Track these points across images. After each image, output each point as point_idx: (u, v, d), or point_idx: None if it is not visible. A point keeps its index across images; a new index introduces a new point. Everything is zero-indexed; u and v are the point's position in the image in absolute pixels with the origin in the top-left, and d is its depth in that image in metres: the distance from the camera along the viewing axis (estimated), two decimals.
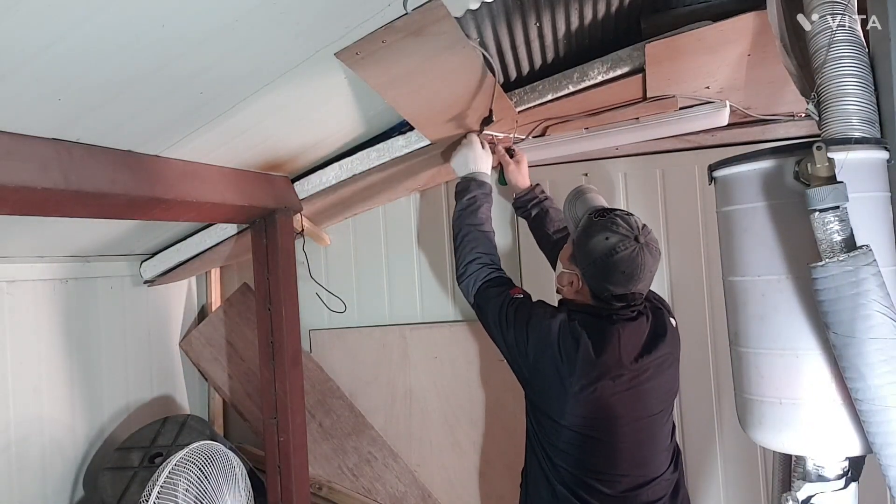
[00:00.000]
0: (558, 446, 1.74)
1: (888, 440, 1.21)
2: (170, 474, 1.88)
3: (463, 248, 1.96)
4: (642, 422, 1.74)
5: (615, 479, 1.71)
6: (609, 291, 1.71)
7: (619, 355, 1.69)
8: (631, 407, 1.71)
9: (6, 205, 1.50)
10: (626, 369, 1.69)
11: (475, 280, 1.90)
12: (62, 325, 2.39)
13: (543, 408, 1.76)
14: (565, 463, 1.73)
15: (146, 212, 1.94)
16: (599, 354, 1.67)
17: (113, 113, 1.47)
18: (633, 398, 1.72)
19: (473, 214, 2.00)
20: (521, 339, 1.74)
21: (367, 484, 2.85)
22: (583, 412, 1.69)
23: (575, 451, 1.72)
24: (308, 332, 2.95)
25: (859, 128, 1.38)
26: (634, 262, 1.67)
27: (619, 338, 1.70)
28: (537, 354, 1.72)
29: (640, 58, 1.98)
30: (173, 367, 2.97)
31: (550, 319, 1.73)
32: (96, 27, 1.11)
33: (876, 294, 1.18)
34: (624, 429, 1.71)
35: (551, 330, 1.71)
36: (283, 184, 2.39)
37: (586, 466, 1.72)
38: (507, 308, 1.80)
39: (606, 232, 1.69)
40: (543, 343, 1.70)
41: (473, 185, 2.06)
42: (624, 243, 1.67)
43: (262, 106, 1.71)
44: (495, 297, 1.84)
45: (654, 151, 2.56)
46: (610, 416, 1.69)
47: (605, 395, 1.68)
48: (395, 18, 1.43)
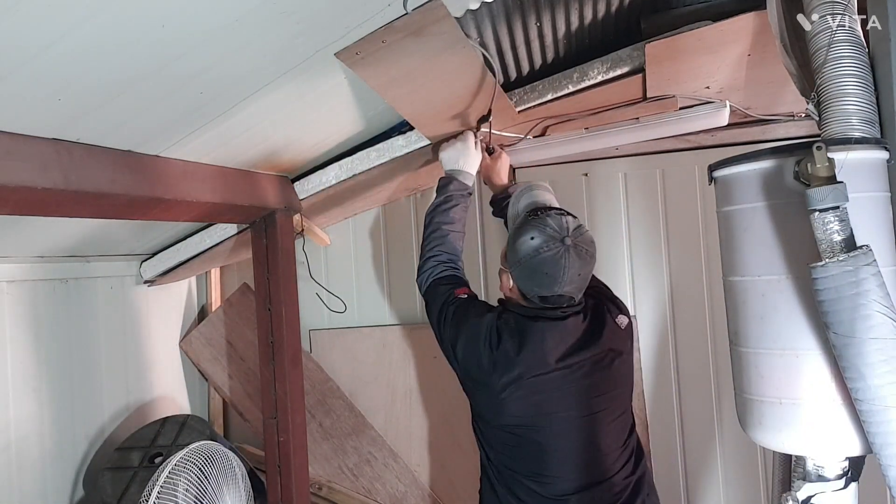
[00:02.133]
0: (494, 447, 1.75)
1: (888, 440, 1.21)
2: (170, 474, 1.88)
3: (426, 244, 1.97)
4: (577, 421, 1.71)
5: (550, 481, 1.69)
6: (535, 292, 1.70)
7: (543, 353, 1.68)
8: (561, 406, 1.69)
9: (6, 205, 1.50)
10: (551, 368, 1.68)
11: (428, 276, 1.91)
12: (62, 325, 2.39)
13: (476, 408, 1.78)
14: (501, 463, 1.74)
15: (146, 212, 1.94)
16: (519, 352, 1.66)
17: (113, 113, 1.47)
18: (563, 397, 1.69)
19: (446, 213, 1.99)
20: (453, 338, 1.75)
21: (367, 484, 2.85)
22: (509, 411, 1.69)
23: (508, 450, 1.72)
24: (308, 332, 2.95)
25: (859, 128, 1.38)
26: (558, 264, 1.64)
27: (542, 336, 1.69)
28: (465, 354, 1.73)
29: (640, 58, 1.98)
30: (173, 367, 2.97)
31: (480, 319, 1.74)
32: (96, 27, 1.11)
33: (876, 294, 1.18)
34: (555, 428, 1.69)
35: (479, 329, 1.72)
36: (283, 184, 2.39)
37: (520, 467, 1.71)
38: (447, 306, 1.81)
39: (533, 232, 1.67)
40: (471, 342, 1.72)
41: (454, 183, 2.05)
42: (548, 244, 1.65)
43: (262, 106, 1.71)
44: (441, 294, 1.85)
45: (654, 151, 2.56)
46: (537, 415, 1.68)
47: (529, 393, 1.67)
48: (395, 18, 1.43)
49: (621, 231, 2.66)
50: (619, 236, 2.66)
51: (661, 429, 2.61)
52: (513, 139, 2.35)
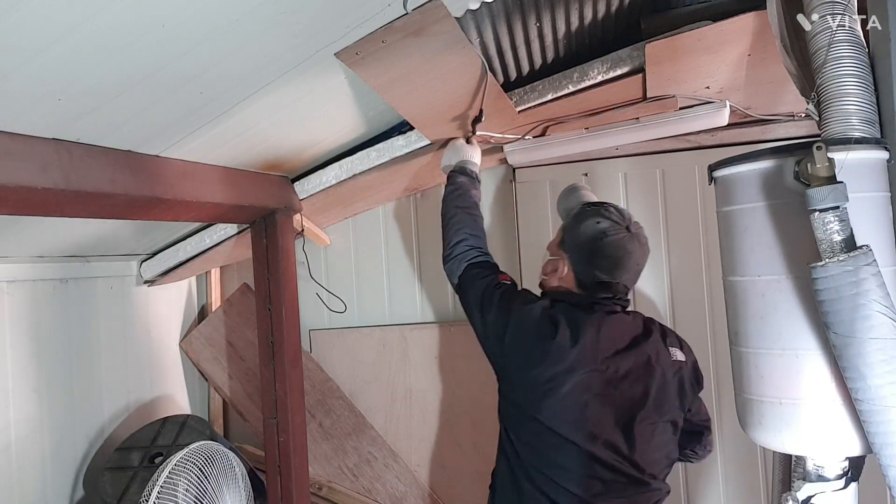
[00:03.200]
0: (528, 441, 1.67)
1: (888, 440, 1.21)
2: (170, 474, 1.89)
3: (450, 228, 1.90)
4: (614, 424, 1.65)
5: (579, 481, 1.62)
6: (594, 277, 1.69)
7: (595, 349, 1.63)
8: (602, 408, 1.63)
9: (6, 205, 1.50)
10: (599, 364, 1.63)
11: (461, 260, 1.84)
12: (62, 325, 2.39)
13: (513, 396, 1.71)
14: (533, 458, 1.66)
15: (146, 212, 1.94)
16: (574, 344, 1.62)
17: (113, 113, 1.47)
18: (606, 399, 1.64)
19: (461, 197, 1.95)
20: (500, 322, 1.69)
21: (367, 484, 2.85)
22: (553, 404, 1.62)
23: (543, 446, 1.65)
24: (308, 332, 2.95)
25: (859, 128, 1.37)
26: (623, 248, 1.68)
27: (597, 330, 1.65)
28: (513, 339, 1.67)
29: (640, 58, 1.98)
30: (173, 367, 2.97)
31: (532, 305, 1.69)
32: (96, 27, 1.11)
33: (876, 294, 1.18)
34: (592, 428, 1.62)
35: (531, 315, 1.67)
36: (283, 184, 2.39)
37: (551, 462, 1.64)
38: (491, 290, 1.75)
39: (598, 217, 1.70)
40: (522, 327, 1.66)
41: (458, 173, 2.03)
42: (614, 228, 1.68)
43: (262, 106, 1.71)
44: (481, 278, 1.79)
45: (654, 151, 2.56)
46: (579, 413, 1.62)
47: (576, 390, 1.62)
48: (395, 18, 1.43)
49: None
50: None
51: None
52: (512, 139, 2.35)
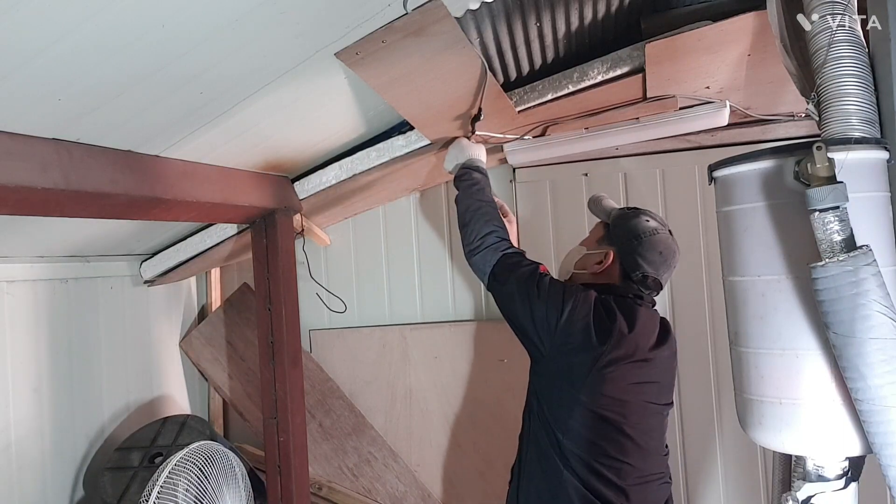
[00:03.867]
0: (571, 426, 1.66)
1: (888, 440, 1.21)
2: (170, 474, 1.89)
3: (476, 220, 1.86)
4: (647, 413, 1.74)
5: (625, 469, 1.67)
6: (642, 270, 1.77)
7: (645, 338, 1.72)
8: (641, 395, 1.72)
9: (6, 205, 1.50)
10: (646, 355, 1.72)
11: (495, 250, 1.80)
12: (62, 325, 2.39)
13: (564, 383, 1.68)
14: (576, 446, 1.66)
15: (146, 212, 1.94)
16: (631, 330, 1.68)
17: (113, 113, 1.47)
18: (648, 388, 1.73)
19: (482, 192, 1.93)
20: (553, 310, 1.66)
21: (367, 484, 2.85)
22: (605, 389, 1.64)
23: (589, 432, 1.65)
24: (308, 332, 2.95)
25: (859, 128, 1.37)
26: (670, 247, 1.81)
27: (645, 320, 1.73)
28: (569, 325, 1.65)
29: (640, 58, 1.98)
30: (173, 367, 2.97)
31: (585, 293, 1.69)
32: (96, 27, 1.11)
33: (876, 294, 1.18)
34: (633, 416, 1.69)
35: (588, 301, 1.67)
36: (283, 184, 2.39)
37: (599, 450, 1.65)
38: (539, 278, 1.72)
39: (646, 216, 1.83)
40: (578, 313, 1.65)
41: (472, 170, 2.01)
42: (663, 228, 1.82)
43: (262, 106, 1.71)
44: (521, 266, 1.76)
45: (654, 151, 2.56)
46: (625, 398, 1.68)
47: (628, 376, 1.68)
48: (395, 18, 1.43)
49: None
50: None
51: None
52: (512, 139, 2.35)
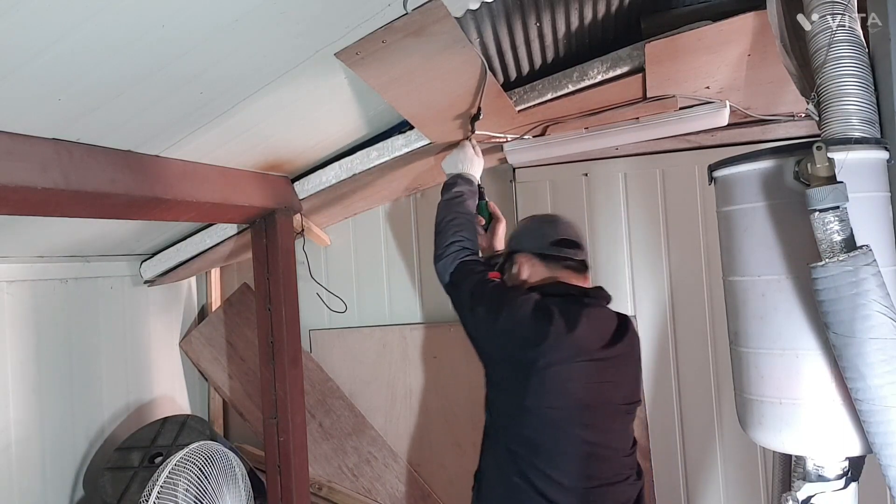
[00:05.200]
0: (519, 432, 1.69)
1: (888, 440, 1.21)
2: (170, 474, 1.89)
3: (446, 230, 1.93)
4: (604, 414, 1.72)
5: (579, 472, 1.66)
6: (545, 239, 1.82)
7: (590, 338, 1.69)
8: (594, 395, 1.69)
9: (6, 205, 1.50)
10: (594, 355, 1.69)
11: (454, 259, 1.88)
12: (62, 325, 2.39)
13: (508, 388, 1.71)
14: (524, 450, 1.67)
15: (146, 212, 1.94)
16: (571, 331, 1.65)
17: (113, 113, 1.47)
18: (599, 388, 1.70)
19: (462, 204, 1.99)
20: (492, 313, 1.72)
21: (367, 484, 2.85)
22: (547, 391, 1.65)
23: (538, 436, 1.67)
24: (308, 332, 2.95)
25: (859, 128, 1.38)
26: (547, 217, 2.01)
27: (588, 320, 1.69)
28: (507, 329, 1.69)
29: (640, 57, 1.98)
30: (173, 367, 2.97)
31: (524, 296, 1.73)
32: (96, 27, 1.11)
33: (876, 294, 1.18)
34: (585, 418, 1.68)
35: (526, 304, 1.69)
36: (283, 184, 2.39)
37: (549, 454, 1.66)
38: (483, 283, 1.79)
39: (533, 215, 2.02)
40: (515, 317, 1.68)
41: (461, 181, 2.05)
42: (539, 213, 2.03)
43: (262, 106, 1.71)
44: (473, 273, 1.84)
45: (654, 151, 2.56)
46: (573, 400, 1.67)
47: (572, 377, 1.66)
48: (395, 18, 1.43)
49: (621, 231, 2.66)
50: (619, 236, 2.66)
51: (661, 429, 2.61)
52: (512, 139, 2.35)
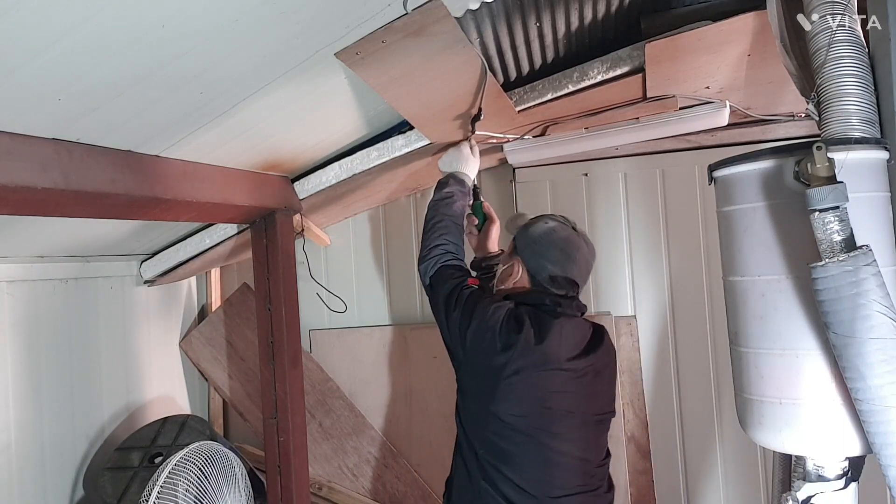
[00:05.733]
0: (486, 437, 1.71)
1: (888, 440, 1.21)
2: (170, 474, 1.89)
3: (432, 232, 1.94)
4: (574, 426, 1.72)
5: (543, 479, 1.68)
6: (546, 271, 1.76)
7: (559, 349, 1.69)
8: (564, 406, 1.70)
9: (6, 205, 1.50)
10: (563, 365, 1.70)
11: (436, 262, 1.89)
12: (62, 325, 2.39)
13: (475, 394, 1.74)
14: (491, 456, 1.69)
15: (146, 212, 1.94)
16: (540, 342, 1.67)
17: (113, 113, 1.47)
18: (567, 398, 1.70)
19: (449, 206, 1.99)
20: (464, 319, 1.74)
21: (367, 484, 2.85)
22: (514, 398, 1.67)
23: (502, 442, 1.68)
24: (308, 332, 2.95)
25: (859, 128, 1.37)
26: (571, 241, 1.79)
27: (560, 331, 1.71)
28: (477, 335, 1.71)
29: (640, 57, 1.98)
30: (173, 367, 2.97)
31: (497, 304, 1.74)
32: (96, 27, 1.11)
33: (876, 294, 1.18)
34: (554, 427, 1.69)
35: (496, 313, 1.71)
36: (283, 184, 2.39)
37: (514, 461, 1.68)
38: (460, 290, 1.80)
39: (546, 219, 1.85)
40: (485, 325, 1.70)
41: (453, 181, 2.05)
42: (563, 227, 1.82)
43: (262, 106, 1.71)
44: (451, 279, 1.84)
45: (654, 151, 2.56)
46: (541, 410, 1.68)
47: (538, 386, 1.67)
48: (395, 18, 1.43)
49: (621, 231, 2.66)
50: (619, 236, 2.66)
51: (661, 429, 2.61)
52: (512, 139, 2.35)
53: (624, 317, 2.64)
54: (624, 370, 2.63)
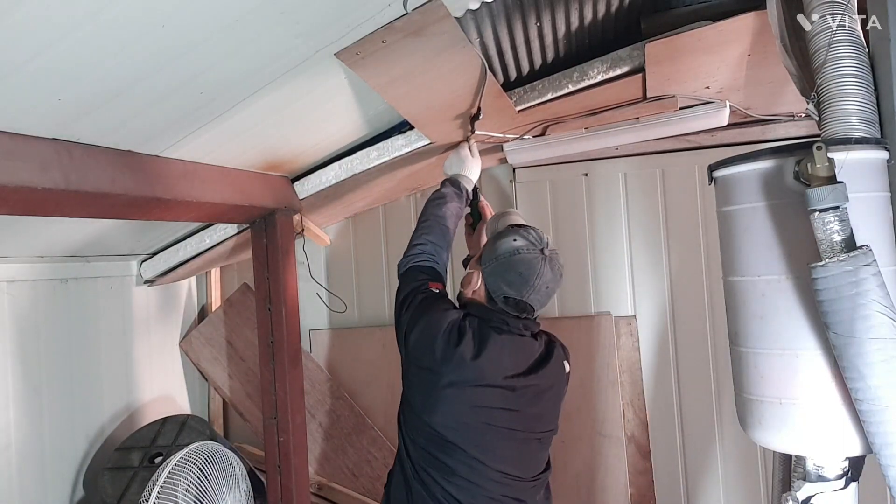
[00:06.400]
0: (418, 443, 1.72)
1: (888, 440, 1.21)
2: (170, 474, 1.89)
3: (417, 231, 1.96)
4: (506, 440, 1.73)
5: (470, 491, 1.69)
6: (502, 291, 1.73)
7: (497, 367, 1.69)
8: (496, 422, 1.70)
9: (6, 205, 1.50)
10: (500, 382, 1.69)
11: (409, 261, 1.90)
12: (62, 325, 2.39)
13: (411, 399, 1.75)
14: (424, 461, 1.71)
15: (146, 212, 1.94)
16: (475, 357, 1.66)
17: (113, 113, 1.47)
18: (501, 415, 1.71)
19: (438, 207, 1.99)
20: (411, 323, 1.74)
21: (367, 484, 2.85)
22: (445, 410, 1.68)
23: (433, 449, 1.70)
24: (308, 332, 2.95)
25: (859, 128, 1.37)
26: (533, 267, 1.71)
27: (500, 349, 1.70)
28: (418, 341, 1.71)
29: (640, 57, 1.98)
30: (173, 367, 2.97)
31: (444, 313, 1.73)
32: (96, 27, 1.11)
33: (876, 294, 1.18)
34: (483, 441, 1.70)
35: (441, 322, 1.70)
36: (283, 184, 2.39)
37: (443, 469, 1.69)
38: (416, 293, 1.80)
39: (515, 235, 1.76)
40: (429, 332, 1.70)
41: (449, 183, 2.06)
42: (528, 248, 1.72)
43: (262, 106, 1.71)
44: (413, 280, 1.84)
45: (654, 151, 2.56)
46: (471, 423, 1.68)
47: (470, 400, 1.68)
48: (395, 18, 1.43)
49: (621, 231, 2.66)
50: (619, 236, 2.66)
51: (661, 429, 2.61)
52: (512, 138, 2.35)
53: (624, 317, 2.65)
54: (624, 370, 2.63)
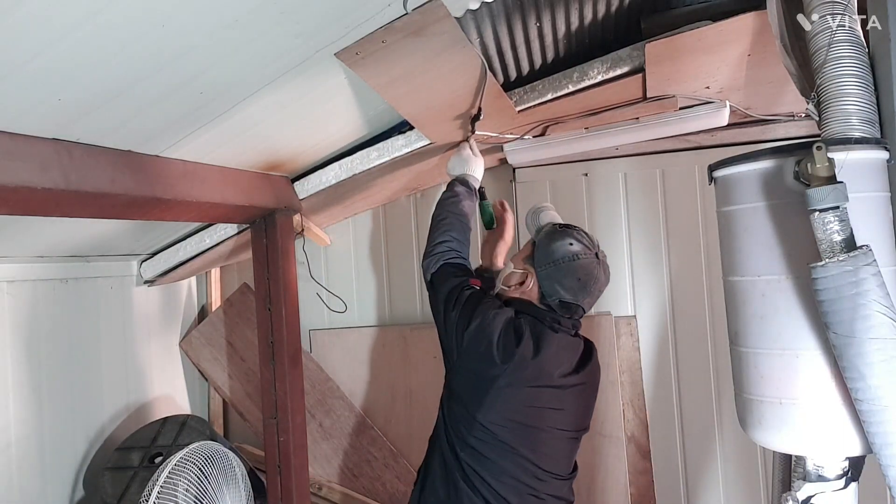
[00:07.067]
0: (468, 441, 1.71)
1: (888, 440, 1.21)
2: (170, 474, 1.89)
3: (438, 228, 1.93)
4: (552, 438, 1.75)
5: (516, 490, 1.70)
6: (559, 295, 1.74)
7: (553, 365, 1.70)
8: (546, 420, 1.72)
9: (6, 205, 1.50)
10: (555, 381, 1.71)
11: (439, 258, 1.87)
12: (62, 325, 2.39)
13: (464, 398, 1.73)
14: (471, 459, 1.70)
15: (146, 212, 1.94)
16: (535, 356, 1.67)
17: (113, 113, 1.47)
18: (554, 415, 1.73)
19: (455, 205, 1.98)
20: (462, 320, 1.72)
21: (367, 484, 2.85)
22: (501, 409, 1.67)
23: (485, 449, 1.70)
24: (308, 332, 2.95)
25: (859, 128, 1.37)
26: (591, 273, 1.74)
27: (557, 348, 1.71)
28: (474, 339, 1.69)
29: (640, 57, 1.98)
30: (173, 367, 2.97)
31: (498, 310, 1.73)
32: (96, 27, 1.11)
33: (876, 294, 1.18)
34: (533, 441, 1.71)
35: (496, 319, 1.69)
36: (283, 184, 2.39)
37: (495, 468, 1.69)
38: (461, 290, 1.78)
39: (571, 239, 1.77)
40: (484, 330, 1.68)
41: (457, 183, 2.05)
42: (586, 253, 1.75)
43: (262, 106, 1.71)
44: (453, 277, 1.82)
45: (654, 151, 2.56)
46: (524, 422, 1.69)
47: (527, 400, 1.69)
48: (395, 18, 1.43)
49: (621, 231, 2.66)
50: (619, 236, 2.66)
51: (661, 429, 2.61)
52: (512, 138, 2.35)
53: (624, 317, 2.65)
54: (624, 370, 2.63)
